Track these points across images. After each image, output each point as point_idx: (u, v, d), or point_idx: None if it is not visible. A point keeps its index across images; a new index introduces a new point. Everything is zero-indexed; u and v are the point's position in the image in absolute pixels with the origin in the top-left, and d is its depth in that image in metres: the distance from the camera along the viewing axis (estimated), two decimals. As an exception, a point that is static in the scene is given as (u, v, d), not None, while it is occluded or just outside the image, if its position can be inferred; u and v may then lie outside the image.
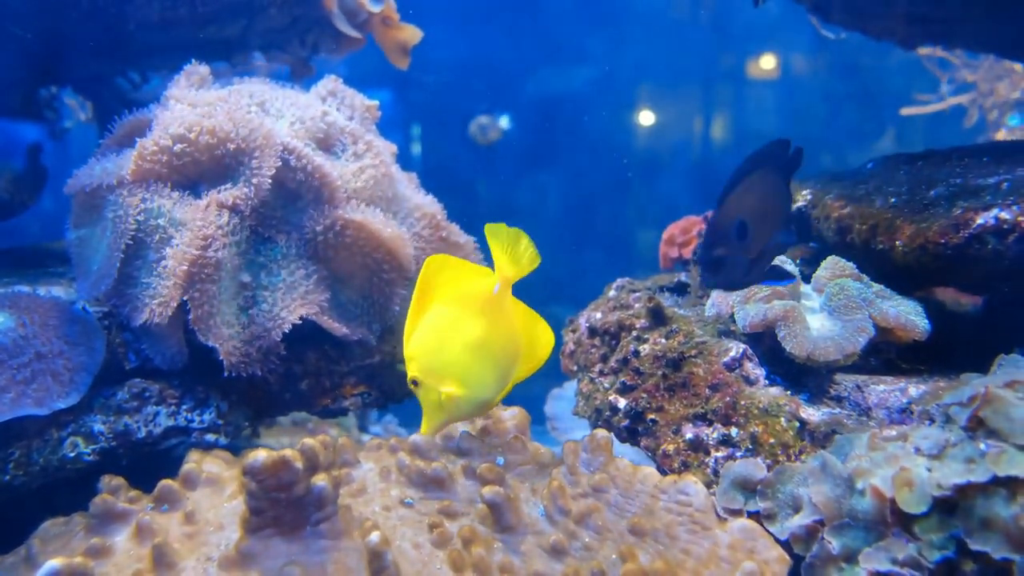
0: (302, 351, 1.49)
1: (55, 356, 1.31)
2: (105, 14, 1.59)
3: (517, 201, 4.14)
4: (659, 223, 2.20)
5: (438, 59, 3.60)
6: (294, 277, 1.37)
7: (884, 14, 2.04)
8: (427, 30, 2.14)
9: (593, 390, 1.31)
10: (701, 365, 1.17)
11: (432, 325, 1.14)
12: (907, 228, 1.19)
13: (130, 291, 1.34)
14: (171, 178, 1.37)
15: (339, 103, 1.59)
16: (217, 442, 1.40)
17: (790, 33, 3.93)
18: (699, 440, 1.12)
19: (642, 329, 1.30)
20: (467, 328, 1.14)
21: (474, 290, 1.15)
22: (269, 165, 1.33)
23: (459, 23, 3.90)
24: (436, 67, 3.65)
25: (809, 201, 1.45)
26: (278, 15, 1.93)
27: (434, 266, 1.14)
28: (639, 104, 4.11)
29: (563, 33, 4.14)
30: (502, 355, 1.16)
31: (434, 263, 1.14)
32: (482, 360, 1.15)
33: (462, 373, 1.14)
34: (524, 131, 4.11)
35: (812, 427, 1.06)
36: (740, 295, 1.19)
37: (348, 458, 1.26)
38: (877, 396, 1.09)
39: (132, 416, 1.34)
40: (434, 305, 1.15)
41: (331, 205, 1.39)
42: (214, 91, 1.49)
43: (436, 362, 1.14)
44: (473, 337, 1.13)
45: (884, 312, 1.12)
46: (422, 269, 1.14)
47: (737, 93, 4.16)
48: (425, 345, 1.14)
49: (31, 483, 1.27)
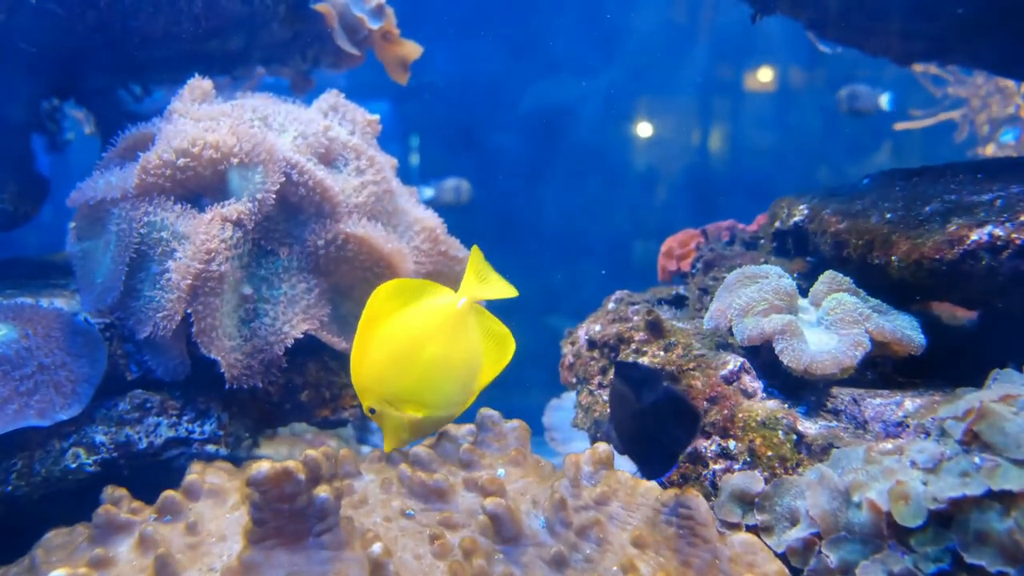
0: (303, 363, 1.50)
1: (58, 367, 1.32)
2: (110, 28, 1.61)
3: (515, 213, 4.15)
4: (657, 234, 2.21)
5: (437, 72, 3.63)
6: (296, 290, 1.39)
7: (880, 30, 2.06)
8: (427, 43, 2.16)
9: (592, 402, 1.32)
10: (699, 378, 1.18)
11: (386, 351, 1.14)
12: (903, 244, 1.21)
13: (134, 304, 1.35)
14: (174, 192, 1.38)
15: (340, 117, 1.61)
16: (218, 453, 1.40)
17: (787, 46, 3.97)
18: (697, 452, 1.13)
19: (641, 342, 1.31)
20: (425, 348, 1.14)
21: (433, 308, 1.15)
22: (272, 181, 1.34)
23: (459, 36, 3.93)
24: (435, 80, 3.67)
25: (806, 216, 1.47)
26: (280, 30, 1.95)
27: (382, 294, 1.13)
28: (637, 116, 4.14)
29: (561, 46, 4.17)
30: (463, 369, 1.16)
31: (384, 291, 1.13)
32: (443, 378, 1.16)
33: (423, 395, 1.15)
34: (522, 143, 4.13)
35: (809, 440, 1.07)
36: (738, 308, 1.20)
37: (350, 469, 1.26)
38: (873, 409, 1.10)
39: (133, 427, 1.35)
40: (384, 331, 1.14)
41: (333, 219, 1.40)
42: (217, 105, 1.51)
43: (394, 388, 1.14)
44: (432, 356, 1.14)
45: (881, 327, 1.14)
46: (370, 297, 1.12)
47: (734, 106, 4.19)
48: (380, 374, 1.14)
49: (33, 494, 1.28)
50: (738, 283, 1.27)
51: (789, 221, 1.51)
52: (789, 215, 1.52)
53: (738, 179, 4.08)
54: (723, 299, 1.26)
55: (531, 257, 3.96)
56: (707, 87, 4.12)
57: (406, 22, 2.19)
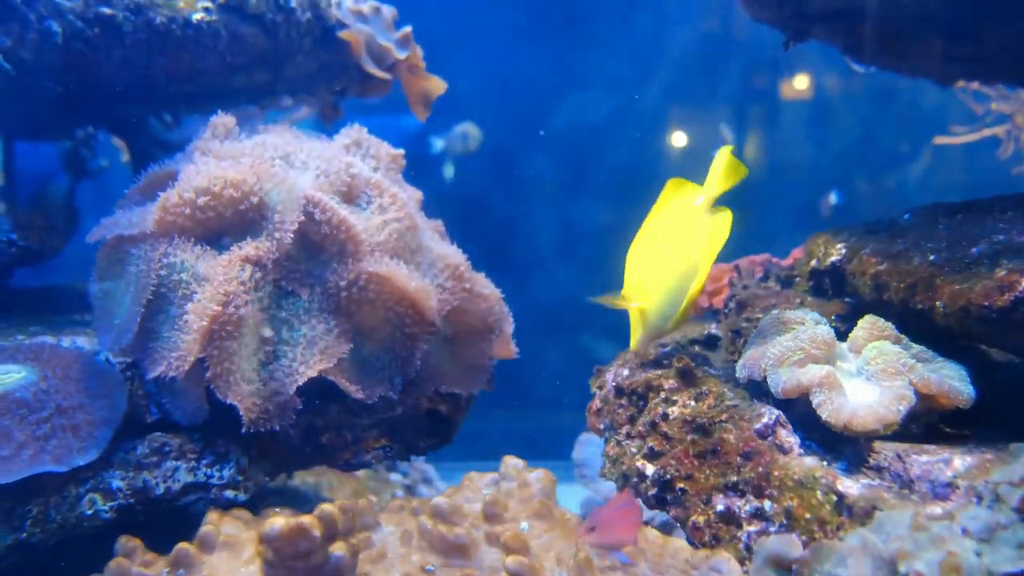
0: (325, 404, 1.47)
1: (76, 410, 1.30)
2: (136, 65, 1.61)
3: (546, 230, 4.12)
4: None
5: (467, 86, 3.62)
6: (315, 332, 1.36)
7: (919, 54, 2.00)
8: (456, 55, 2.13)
9: (620, 453, 1.27)
10: (732, 431, 1.13)
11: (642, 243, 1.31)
12: (947, 288, 1.14)
13: (151, 344, 1.33)
14: (194, 231, 1.36)
15: (364, 153, 1.59)
16: (236, 499, 1.37)
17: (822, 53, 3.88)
18: (731, 512, 1.07)
19: (671, 390, 1.26)
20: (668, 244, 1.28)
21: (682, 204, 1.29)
22: (292, 220, 1.32)
23: (489, 50, 3.92)
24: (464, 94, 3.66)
25: (844, 256, 1.41)
26: (306, 62, 1.95)
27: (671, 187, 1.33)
28: (670, 133, 4.07)
29: (593, 60, 4.13)
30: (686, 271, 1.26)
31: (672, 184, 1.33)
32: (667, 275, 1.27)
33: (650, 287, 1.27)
34: (555, 160, 4.10)
35: (850, 501, 1.01)
36: (773, 357, 1.14)
37: (368, 521, 1.23)
38: (920, 468, 1.04)
39: (151, 472, 1.32)
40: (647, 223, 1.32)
41: (355, 258, 1.37)
42: (239, 143, 1.49)
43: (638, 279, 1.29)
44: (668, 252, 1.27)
45: (926, 378, 1.07)
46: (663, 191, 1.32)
47: (770, 117, 4.11)
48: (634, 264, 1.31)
49: (48, 540, 1.26)
50: (772, 329, 1.21)
51: (826, 260, 1.45)
52: (826, 254, 1.46)
53: (775, 194, 3.99)
54: (757, 346, 1.20)
55: (563, 275, 3.92)
56: (742, 98, 4.04)
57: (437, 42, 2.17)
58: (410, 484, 2.66)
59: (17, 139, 2.13)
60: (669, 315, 1.27)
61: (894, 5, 1.65)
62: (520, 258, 3.93)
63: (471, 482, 1.33)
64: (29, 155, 2.20)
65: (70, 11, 1.47)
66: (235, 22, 1.71)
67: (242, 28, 1.72)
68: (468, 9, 3.85)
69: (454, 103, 2.36)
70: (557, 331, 3.62)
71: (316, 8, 1.88)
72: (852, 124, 4.04)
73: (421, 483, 2.71)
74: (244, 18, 1.73)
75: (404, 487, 2.60)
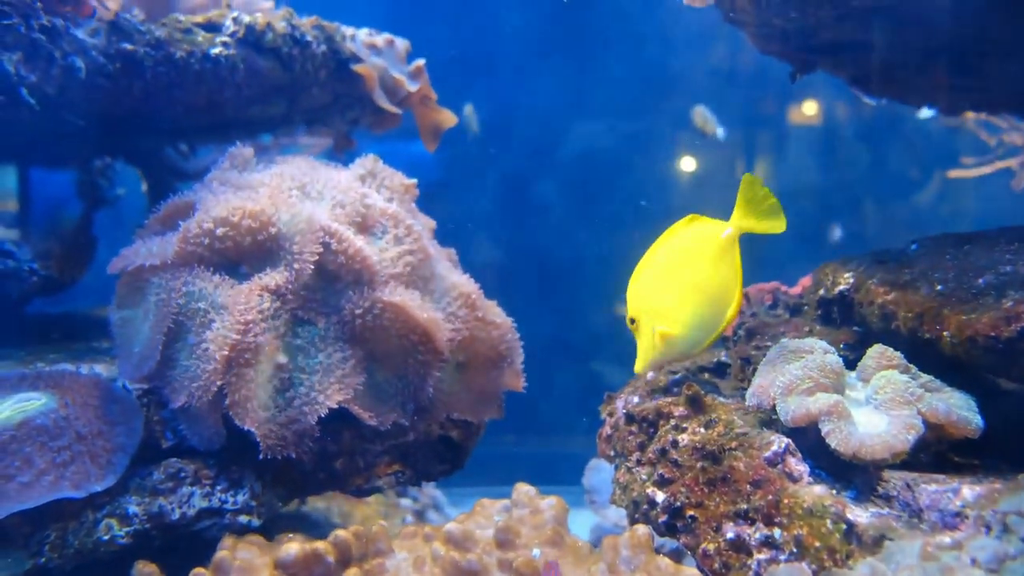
0: (338, 430, 1.48)
1: (94, 437, 1.33)
2: (155, 98, 1.65)
3: (556, 257, 4.14)
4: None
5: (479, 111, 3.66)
6: (331, 360, 1.38)
7: (925, 86, 2.03)
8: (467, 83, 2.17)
9: (630, 480, 1.28)
10: (742, 459, 1.14)
11: (655, 268, 1.28)
12: (954, 319, 1.16)
13: (170, 373, 1.36)
14: (213, 260, 1.39)
15: (378, 183, 1.62)
16: (250, 524, 1.39)
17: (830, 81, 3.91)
18: (741, 540, 1.08)
19: (680, 417, 1.27)
20: (691, 270, 1.26)
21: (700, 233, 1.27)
22: (311, 251, 1.35)
23: (499, 79, 3.96)
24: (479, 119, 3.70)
25: (851, 285, 1.42)
26: (320, 94, 1.98)
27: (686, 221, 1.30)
28: (678, 161, 4.10)
29: (602, 90, 4.17)
30: (718, 299, 1.25)
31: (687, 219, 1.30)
32: (699, 300, 1.25)
33: (679, 312, 1.25)
34: (564, 187, 4.12)
35: (860, 530, 1.02)
36: (782, 386, 1.16)
37: (382, 547, 1.24)
38: (929, 497, 1.04)
39: (167, 497, 1.34)
40: (660, 248, 1.29)
41: (370, 287, 1.40)
42: (257, 174, 1.52)
43: (654, 303, 1.27)
44: (697, 279, 1.25)
45: (934, 408, 1.09)
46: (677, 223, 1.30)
47: (777, 143, 4.13)
48: (645, 287, 1.28)
49: (66, 565, 1.27)
50: (781, 358, 1.23)
51: (834, 289, 1.46)
52: (834, 283, 1.47)
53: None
54: (766, 375, 1.22)
55: (573, 302, 3.93)
56: (750, 124, 4.06)
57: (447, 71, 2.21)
58: (420, 510, 2.66)
59: (36, 169, 2.18)
60: (699, 341, 1.28)
61: (899, 38, 1.68)
62: (530, 283, 3.95)
63: (483, 508, 1.35)
64: (47, 185, 2.24)
65: (93, 47, 1.51)
66: (252, 56, 1.75)
67: (259, 61, 1.76)
68: (479, 39, 3.91)
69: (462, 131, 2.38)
70: (567, 357, 3.63)
71: (331, 41, 1.93)
72: (861, 151, 4.06)
73: (431, 509, 2.71)
74: (261, 51, 1.77)
75: (414, 513, 2.61)
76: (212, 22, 1.72)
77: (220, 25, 1.72)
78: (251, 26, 1.73)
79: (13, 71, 1.35)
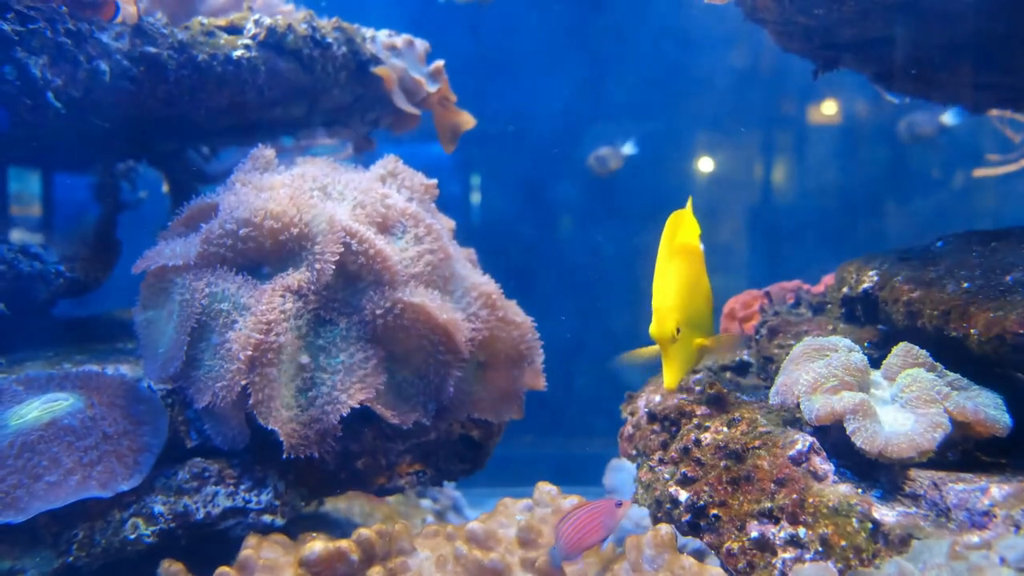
0: (359, 429, 1.49)
1: (120, 436, 1.34)
2: (179, 101, 1.66)
3: (574, 257, 4.13)
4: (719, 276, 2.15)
5: (499, 113, 3.67)
6: (353, 360, 1.38)
7: (949, 83, 2.00)
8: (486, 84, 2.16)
9: (653, 479, 1.28)
10: (766, 458, 1.13)
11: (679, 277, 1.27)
12: (982, 316, 1.14)
13: (195, 373, 1.37)
14: (235, 261, 1.40)
15: (399, 184, 1.62)
16: (273, 523, 1.39)
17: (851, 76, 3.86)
18: (765, 539, 1.07)
19: (703, 416, 1.27)
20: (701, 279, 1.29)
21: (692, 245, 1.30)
22: (332, 251, 1.35)
23: (519, 80, 3.96)
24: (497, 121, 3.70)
25: (876, 283, 1.41)
26: (340, 95, 1.99)
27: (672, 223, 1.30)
28: (697, 161, 4.08)
29: (621, 90, 4.17)
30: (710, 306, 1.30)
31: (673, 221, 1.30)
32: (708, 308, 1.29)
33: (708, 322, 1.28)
34: (582, 187, 4.12)
35: (886, 529, 1.01)
36: (806, 384, 1.15)
37: (404, 546, 1.24)
38: (956, 496, 1.03)
39: (192, 497, 1.35)
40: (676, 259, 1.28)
41: (391, 287, 1.40)
42: (279, 175, 1.53)
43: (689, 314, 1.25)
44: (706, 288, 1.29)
45: (961, 406, 1.07)
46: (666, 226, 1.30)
47: (798, 142, 4.10)
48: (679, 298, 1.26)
49: (93, 564, 1.29)
50: (805, 356, 1.22)
51: (858, 287, 1.45)
52: (858, 281, 1.46)
53: (804, 220, 3.98)
54: (790, 373, 1.21)
55: (592, 303, 3.92)
56: (770, 124, 4.04)
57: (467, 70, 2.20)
58: (440, 510, 2.67)
59: (60, 173, 2.20)
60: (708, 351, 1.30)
61: (923, 34, 1.66)
62: (550, 284, 3.95)
63: (505, 508, 1.35)
64: (71, 188, 2.27)
65: (117, 51, 1.53)
66: (274, 58, 1.76)
67: (280, 64, 1.77)
68: (499, 40, 3.92)
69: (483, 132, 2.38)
70: (587, 357, 3.63)
71: (351, 43, 1.93)
72: (883, 149, 4.02)
73: (451, 509, 2.72)
74: (282, 54, 1.78)
75: (434, 513, 2.61)
76: (234, 25, 1.74)
77: (242, 28, 1.74)
78: (272, 28, 1.74)
79: (39, 75, 1.37)
